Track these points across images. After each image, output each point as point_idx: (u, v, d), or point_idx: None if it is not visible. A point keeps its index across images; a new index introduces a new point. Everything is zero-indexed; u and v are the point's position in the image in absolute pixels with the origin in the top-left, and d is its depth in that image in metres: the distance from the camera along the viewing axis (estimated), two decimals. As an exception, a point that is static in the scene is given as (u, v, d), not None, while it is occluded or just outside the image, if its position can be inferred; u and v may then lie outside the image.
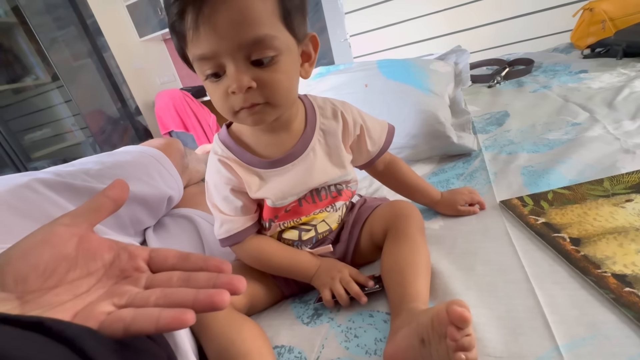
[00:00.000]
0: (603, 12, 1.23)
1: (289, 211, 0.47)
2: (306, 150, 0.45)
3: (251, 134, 0.45)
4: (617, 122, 0.70)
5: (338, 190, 0.49)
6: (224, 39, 0.33)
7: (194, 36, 0.34)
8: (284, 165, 0.45)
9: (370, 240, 0.50)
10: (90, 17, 2.47)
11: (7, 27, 2.05)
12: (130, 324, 0.22)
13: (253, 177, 0.44)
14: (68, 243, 0.24)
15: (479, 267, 0.43)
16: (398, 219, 0.47)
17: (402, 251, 0.43)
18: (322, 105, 0.48)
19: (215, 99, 0.38)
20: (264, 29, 0.34)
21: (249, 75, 0.35)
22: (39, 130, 2.25)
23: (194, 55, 0.36)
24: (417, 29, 2.10)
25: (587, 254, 0.40)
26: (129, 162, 0.62)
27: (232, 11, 0.32)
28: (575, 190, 0.52)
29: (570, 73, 1.09)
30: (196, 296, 0.23)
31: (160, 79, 3.05)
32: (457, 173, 0.70)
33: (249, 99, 0.36)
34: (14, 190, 0.43)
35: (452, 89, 0.90)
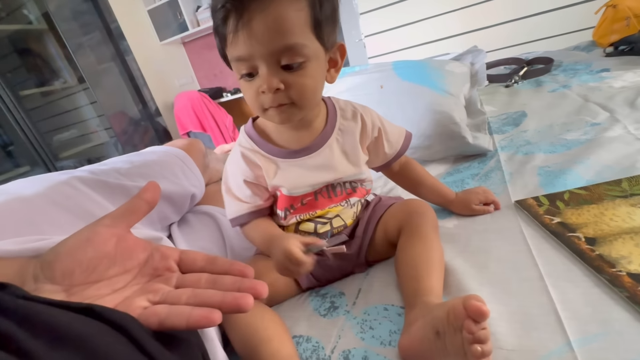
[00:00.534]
0: (627, 8, 1.20)
1: (306, 204, 0.50)
2: (324, 145, 0.49)
3: (274, 128, 0.49)
4: (639, 122, 0.69)
5: (353, 188, 0.52)
6: (259, 44, 0.37)
7: (234, 39, 0.38)
8: (301, 157, 0.48)
9: (385, 237, 0.52)
10: (114, 22, 2.57)
11: (38, 33, 2.16)
12: (165, 319, 0.25)
13: (271, 165, 0.48)
14: (108, 242, 0.27)
15: (492, 265, 0.44)
16: (412, 216, 0.49)
17: (416, 247, 0.44)
18: (343, 107, 0.52)
19: (247, 96, 0.42)
20: (295, 38, 0.38)
21: (278, 78, 0.38)
22: (67, 131, 2.36)
23: (232, 55, 0.40)
24: (433, 28, 2.08)
25: (602, 254, 0.41)
26: (155, 161, 0.66)
27: (268, 20, 0.36)
28: (593, 190, 0.52)
29: (592, 72, 1.07)
30: (223, 298, 0.26)
31: (179, 81, 3.14)
32: (472, 173, 0.70)
33: (276, 99, 0.40)
34: (56, 187, 0.47)
35: (468, 90, 0.90)
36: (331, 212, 0.51)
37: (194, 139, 0.85)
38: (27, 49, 2.26)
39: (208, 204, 0.75)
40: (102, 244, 0.27)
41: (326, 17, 0.40)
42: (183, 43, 3.13)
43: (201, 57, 3.12)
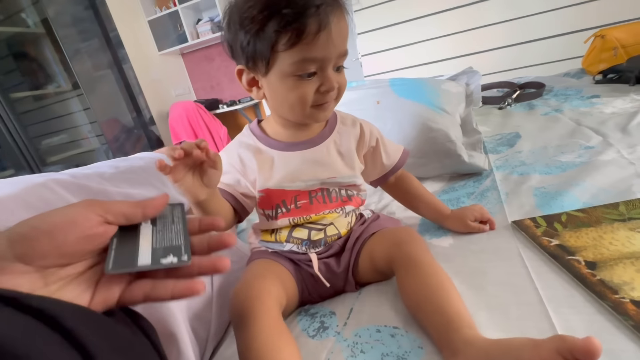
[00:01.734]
0: (615, 39, 1.24)
1: (300, 207, 0.50)
2: (321, 143, 0.51)
3: (276, 130, 0.52)
4: (632, 147, 0.69)
5: (349, 196, 0.52)
6: (334, 47, 0.42)
7: (313, 39, 0.40)
8: (297, 150, 0.50)
9: (371, 263, 0.49)
10: (113, 30, 2.58)
11: (35, 37, 2.15)
12: (150, 292, 0.25)
13: (267, 161, 0.50)
14: (94, 229, 0.25)
15: (490, 288, 0.42)
16: (401, 247, 0.45)
17: (422, 278, 0.40)
18: (344, 116, 0.55)
19: (297, 94, 0.43)
20: (347, 44, 0.44)
21: (336, 79, 0.44)
22: (56, 136, 2.32)
23: (304, 56, 0.41)
24: (428, 50, 2.14)
25: (604, 279, 0.39)
26: (142, 167, 0.63)
27: (342, 28, 0.42)
28: (590, 213, 0.51)
29: (582, 97, 1.10)
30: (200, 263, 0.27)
31: (175, 91, 3.14)
32: (467, 192, 0.69)
33: (332, 97, 0.45)
34: (31, 189, 0.44)
35: (464, 109, 0.90)
36: (326, 219, 0.51)
37: (185, 147, 0.83)
38: (24, 52, 2.24)
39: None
40: (88, 229, 0.24)
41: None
42: (182, 54, 3.16)
43: (199, 69, 3.14)
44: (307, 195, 0.50)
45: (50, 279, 0.23)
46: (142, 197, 0.56)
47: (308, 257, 0.50)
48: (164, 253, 0.26)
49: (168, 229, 0.29)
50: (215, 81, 3.09)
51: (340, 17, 0.42)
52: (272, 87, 0.45)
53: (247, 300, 0.40)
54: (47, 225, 0.23)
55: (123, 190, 0.56)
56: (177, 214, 0.31)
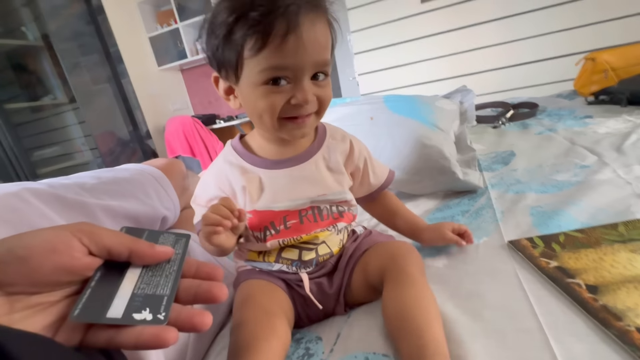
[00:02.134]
0: (605, 62, 1.27)
1: (290, 228, 0.46)
2: (309, 160, 0.48)
3: (261, 145, 0.49)
4: (628, 166, 0.68)
5: (340, 212, 0.49)
6: (307, 55, 0.37)
7: (280, 44, 0.36)
8: (284, 168, 0.47)
9: (364, 279, 0.46)
10: (114, 45, 2.62)
11: (35, 50, 2.17)
12: (114, 336, 0.22)
13: (253, 181, 0.46)
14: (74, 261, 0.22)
15: (486, 313, 0.40)
16: (395, 260, 0.43)
17: (408, 295, 0.38)
18: (333, 129, 0.52)
19: (267, 103, 0.40)
20: (329, 54, 0.41)
21: (312, 90, 0.40)
22: (49, 148, 2.30)
23: (271, 63, 0.37)
24: (423, 71, 2.18)
25: (607, 304, 0.37)
26: (126, 178, 0.61)
27: (317, 34, 0.38)
28: (589, 233, 0.49)
29: (576, 118, 1.10)
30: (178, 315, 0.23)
31: (173, 105, 3.16)
32: (462, 210, 0.67)
33: (308, 110, 0.41)
34: (2, 199, 0.42)
35: (458, 126, 0.90)
36: (318, 238, 0.47)
37: (174, 159, 0.81)
38: (22, 65, 2.25)
39: (182, 229, 0.70)
40: (68, 259, 0.22)
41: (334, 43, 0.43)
42: (181, 70, 3.20)
43: (198, 84, 3.17)
44: (297, 215, 0.46)
45: (17, 305, 0.21)
46: (123, 209, 0.55)
47: (299, 276, 0.47)
48: (142, 304, 0.23)
49: (161, 267, 0.25)
50: (214, 97, 3.11)
51: (315, 20, 0.38)
52: (243, 95, 0.42)
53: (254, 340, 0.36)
54: (22, 250, 0.21)
55: (103, 202, 0.53)
56: (178, 250, 0.27)
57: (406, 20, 2.10)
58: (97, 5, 2.53)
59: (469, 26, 1.99)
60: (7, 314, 0.20)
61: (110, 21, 2.59)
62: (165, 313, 0.23)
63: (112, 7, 2.61)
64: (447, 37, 2.05)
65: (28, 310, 0.21)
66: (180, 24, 2.74)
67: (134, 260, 0.24)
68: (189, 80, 3.23)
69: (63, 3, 2.43)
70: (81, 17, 2.52)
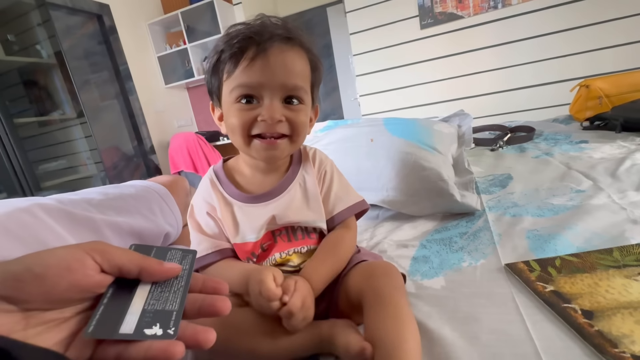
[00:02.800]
0: (599, 89, 1.31)
1: (266, 249, 0.48)
2: (285, 190, 0.49)
3: (242, 172, 0.50)
4: (622, 192, 0.70)
5: (316, 232, 0.50)
6: (273, 75, 0.41)
7: (248, 66, 0.41)
8: (260, 203, 0.48)
9: (346, 299, 0.45)
10: (124, 64, 2.71)
11: (47, 67, 2.24)
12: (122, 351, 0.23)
13: (231, 214, 0.48)
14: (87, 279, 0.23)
15: (483, 336, 0.40)
16: (373, 279, 0.42)
17: (386, 320, 0.37)
18: (308, 150, 0.54)
19: (239, 121, 0.43)
20: (302, 81, 0.44)
21: (281, 111, 0.42)
22: (54, 162, 2.33)
23: (239, 81, 0.41)
24: (422, 93, 2.24)
25: (602, 330, 0.37)
26: (132, 195, 0.63)
27: (286, 59, 0.42)
28: (584, 258, 0.50)
29: (571, 142, 1.13)
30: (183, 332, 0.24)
31: (178, 122, 3.22)
32: (460, 232, 0.68)
33: (276, 129, 0.42)
34: (12, 213, 0.44)
35: (456, 149, 0.92)
36: (292, 261, 0.48)
37: (178, 177, 0.83)
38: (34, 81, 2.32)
39: (184, 244, 0.71)
40: (82, 277, 0.23)
41: (318, 82, 0.48)
42: (187, 88, 3.29)
43: (203, 102, 3.25)
44: (270, 236, 0.48)
45: (32, 321, 0.22)
46: (128, 225, 0.56)
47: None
48: (152, 320, 0.24)
49: (169, 283, 0.26)
50: (218, 114, 3.18)
51: (285, 49, 0.42)
52: (225, 118, 0.46)
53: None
54: (39, 268, 0.22)
55: (109, 217, 0.55)
56: (185, 266, 0.28)
57: (406, 45, 2.18)
58: (110, 25, 2.64)
59: (467, 52, 2.06)
60: (22, 329, 0.21)
61: (122, 41, 2.69)
62: (175, 328, 0.23)
63: (124, 27, 2.72)
64: (446, 61, 2.12)
65: (42, 326, 0.22)
66: (188, 45, 2.84)
67: (144, 277, 0.25)
68: (194, 98, 3.31)
69: (77, 23, 2.53)
70: (94, 36, 2.62)
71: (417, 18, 2.11)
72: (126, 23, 2.74)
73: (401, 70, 2.24)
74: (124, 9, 2.74)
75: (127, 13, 2.77)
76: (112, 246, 0.24)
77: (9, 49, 2.06)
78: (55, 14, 2.31)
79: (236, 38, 0.41)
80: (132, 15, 2.82)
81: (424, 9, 2.08)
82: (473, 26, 2.01)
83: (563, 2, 1.81)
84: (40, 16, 2.12)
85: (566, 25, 1.83)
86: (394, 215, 0.82)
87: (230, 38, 0.42)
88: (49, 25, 2.13)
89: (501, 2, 1.92)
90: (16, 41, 2.11)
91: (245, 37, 0.41)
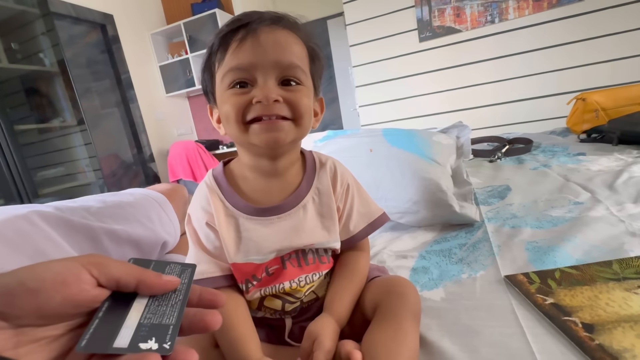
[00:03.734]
0: (595, 102, 1.33)
1: (272, 274, 0.43)
2: (298, 205, 0.43)
3: (244, 176, 0.44)
4: (620, 204, 0.70)
5: (328, 256, 0.46)
6: (265, 54, 0.37)
7: (237, 47, 0.38)
8: (269, 216, 0.42)
9: (361, 316, 0.43)
10: (125, 72, 2.74)
11: (49, 75, 2.26)
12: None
13: (232, 229, 0.42)
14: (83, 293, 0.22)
15: (484, 349, 0.40)
16: (390, 296, 0.41)
17: (385, 336, 0.36)
18: (324, 161, 0.48)
19: (233, 106, 0.38)
20: (298, 60, 0.39)
21: (277, 92, 0.38)
22: (53, 169, 2.32)
23: (230, 65, 0.38)
24: (421, 105, 2.26)
25: (603, 344, 0.37)
26: (130, 203, 0.62)
27: (278, 36, 0.38)
28: (584, 270, 0.50)
29: (569, 154, 1.13)
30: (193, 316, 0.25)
31: (178, 130, 3.24)
32: (459, 243, 0.68)
33: (274, 110, 0.37)
34: (10, 220, 0.43)
35: (454, 160, 0.93)
36: (300, 292, 0.44)
37: (177, 185, 0.83)
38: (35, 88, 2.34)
39: (181, 254, 0.70)
40: (77, 292, 0.22)
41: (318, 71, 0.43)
42: (188, 97, 3.32)
43: (203, 111, 3.27)
44: (279, 261, 0.43)
45: (23, 339, 0.21)
46: (126, 233, 0.56)
47: (283, 322, 0.46)
48: (148, 334, 0.23)
49: (167, 297, 0.25)
50: (218, 123, 3.20)
51: (276, 29, 0.39)
52: (219, 108, 0.41)
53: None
54: (34, 282, 0.21)
55: (107, 225, 0.54)
56: (184, 280, 0.27)
57: (405, 57, 2.21)
58: (113, 35, 2.68)
59: (465, 65, 2.09)
60: (13, 347, 0.20)
61: (124, 50, 2.72)
62: (171, 342, 0.23)
63: (127, 37, 2.76)
64: (444, 74, 2.15)
65: (34, 344, 0.21)
66: (190, 55, 2.88)
67: (142, 290, 0.24)
68: (195, 106, 3.33)
69: (81, 32, 2.57)
70: (97, 45, 2.66)
71: (415, 31, 2.15)
72: (129, 33, 2.79)
73: (400, 82, 2.27)
74: (128, 19, 2.79)
75: (130, 23, 2.81)
76: (109, 259, 0.24)
77: (12, 57, 2.08)
78: (60, 24, 2.35)
79: (225, 29, 0.39)
80: (135, 25, 2.87)
81: (423, 22, 2.12)
82: (471, 40, 2.04)
83: (559, 17, 1.85)
84: (44, 25, 2.15)
85: (563, 39, 1.87)
86: (393, 226, 0.82)
87: (220, 31, 0.40)
88: (52, 34, 2.16)
89: (498, 16, 1.96)
90: (19, 49, 2.14)
91: (233, 22, 0.39)
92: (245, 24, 0.38)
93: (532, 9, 1.89)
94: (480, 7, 1.98)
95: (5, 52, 2.03)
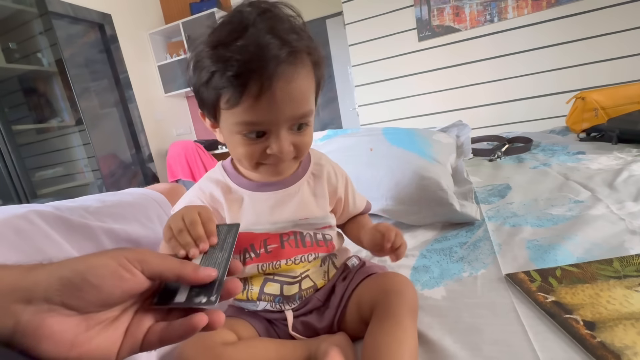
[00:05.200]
0: (595, 101, 1.33)
1: (270, 252, 0.46)
2: (295, 184, 0.48)
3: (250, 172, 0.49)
4: (620, 202, 0.70)
5: (325, 240, 0.49)
6: (281, 112, 0.38)
7: (253, 104, 0.36)
8: (269, 191, 0.47)
9: (358, 313, 0.44)
10: (124, 72, 2.73)
11: (48, 75, 2.26)
12: (162, 335, 0.27)
13: (236, 202, 0.47)
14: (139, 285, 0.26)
15: (485, 347, 0.39)
16: (387, 295, 0.42)
17: (386, 336, 0.37)
18: (317, 155, 0.54)
19: (247, 155, 0.41)
20: (309, 105, 0.41)
21: (289, 140, 0.40)
22: (51, 169, 2.31)
23: (244, 119, 0.38)
24: (420, 104, 2.26)
25: (604, 341, 0.37)
26: (129, 202, 0.62)
27: (293, 91, 0.37)
28: (585, 268, 0.50)
29: (569, 153, 1.13)
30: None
31: (176, 130, 3.23)
32: (460, 242, 0.68)
33: (284, 158, 0.41)
34: (9, 220, 0.43)
35: (454, 159, 0.93)
36: (297, 269, 0.46)
37: (176, 185, 0.83)
38: (33, 88, 2.33)
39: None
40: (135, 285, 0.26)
41: (321, 85, 0.44)
42: (187, 97, 3.31)
43: (202, 111, 3.26)
44: (278, 239, 0.46)
45: (90, 322, 0.24)
46: (125, 233, 0.56)
47: (284, 315, 0.46)
48: (199, 291, 0.28)
49: (214, 257, 0.31)
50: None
51: (293, 76, 0.36)
52: (224, 136, 0.43)
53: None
54: (95, 279, 0.24)
55: (106, 225, 0.54)
56: (228, 240, 0.33)
57: (404, 56, 2.21)
58: (111, 34, 2.67)
59: (464, 64, 2.09)
60: (85, 331, 0.24)
61: (123, 50, 2.72)
62: (216, 295, 0.27)
63: (125, 36, 2.75)
64: (443, 73, 2.15)
65: (100, 326, 0.25)
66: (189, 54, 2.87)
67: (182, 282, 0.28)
68: (194, 106, 3.32)
69: (79, 32, 2.56)
70: (95, 45, 2.65)
71: (414, 31, 2.15)
72: (127, 32, 2.78)
73: (399, 81, 2.26)
74: (126, 19, 2.78)
75: (128, 23, 2.80)
76: (149, 253, 0.27)
77: (10, 56, 2.07)
78: (58, 23, 2.34)
79: (231, 67, 0.35)
80: (134, 25, 2.86)
81: (422, 21, 2.12)
82: (470, 39, 2.04)
83: (558, 17, 1.85)
84: (42, 25, 2.15)
85: (562, 38, 1.87)
86: (393, 225, 0.82)
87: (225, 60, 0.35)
88: (50, 33, 2.15)
89: (497, 15, 1.96)
90: (17, 49, 2.13)
91: (243, 67, 0.35)
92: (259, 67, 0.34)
93: (531, 8, 1.89)
94: (480, 7, 1.98)
95: (3, 51, 2.02)
